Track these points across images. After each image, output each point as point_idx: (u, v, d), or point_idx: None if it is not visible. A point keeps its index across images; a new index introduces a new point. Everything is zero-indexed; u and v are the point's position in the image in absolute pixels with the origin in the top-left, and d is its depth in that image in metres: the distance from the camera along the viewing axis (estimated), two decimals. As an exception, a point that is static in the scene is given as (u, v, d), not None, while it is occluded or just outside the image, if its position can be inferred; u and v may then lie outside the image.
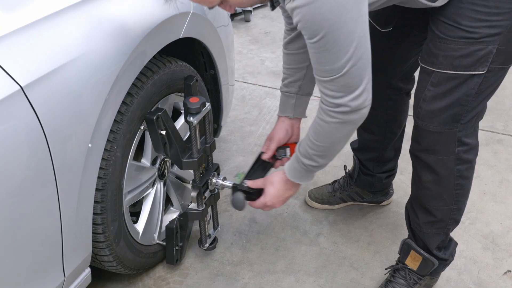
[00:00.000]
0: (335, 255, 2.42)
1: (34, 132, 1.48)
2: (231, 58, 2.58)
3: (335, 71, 1.55)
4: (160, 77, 1.99)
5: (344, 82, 1.57)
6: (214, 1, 1.60)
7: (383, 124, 2.36)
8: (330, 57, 1.53)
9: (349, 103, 1.60)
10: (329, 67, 1.55)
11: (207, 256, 2.39)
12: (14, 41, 1.49)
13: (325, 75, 1.58)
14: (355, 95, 1.59)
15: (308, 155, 1.79)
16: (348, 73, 1.55)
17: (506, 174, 2.94)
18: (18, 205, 1.50)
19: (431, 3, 1.71)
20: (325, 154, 1.79)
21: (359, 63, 1.54)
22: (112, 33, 1.73)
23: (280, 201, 1.99)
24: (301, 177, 1.89)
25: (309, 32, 1.51)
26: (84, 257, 1.84)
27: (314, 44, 1.52)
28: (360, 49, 1.53)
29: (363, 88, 1.59)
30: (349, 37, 1.49)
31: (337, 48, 1.51)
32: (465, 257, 2.42)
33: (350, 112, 1.62)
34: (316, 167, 1.83)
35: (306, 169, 1.84)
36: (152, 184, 2.19)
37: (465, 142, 1.89)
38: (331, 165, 2.93)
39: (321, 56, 1.55)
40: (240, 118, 3.38)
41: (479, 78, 1.76)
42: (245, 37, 4.52)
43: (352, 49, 1.51)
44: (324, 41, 1.50)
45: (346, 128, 1.69)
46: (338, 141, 1.75)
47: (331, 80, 1.57)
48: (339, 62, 1.53)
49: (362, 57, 1.54)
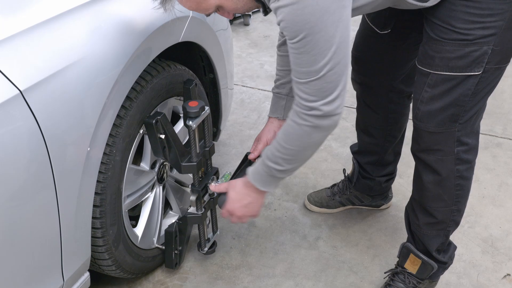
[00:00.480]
0: (334, 259, 2.42)
1: (33, 136, 1.48)
2: (230, 62, 2.58)
3: (311, 74, 1.56)
4: (159, 81, 2.00)
5: (319, 85, 1.57)
6: (209, 8, 1.63)
7: (384, 127, 2.37)
8: (308, 59, 1.54)
9: (321, 107, 1.60)
10: (306, 69, 1.56)
11: (206, 260, 2.39)
12: (13, 45, 1.49)
13: (302, 77, 1.58)
14: (328, 100, 1.59)
15: (274, 157, 1.76)
16: (325, 77, 1.55)
17: (505, 178, 2.94)
18: (17, 209, 1.50)
19: (422, 3, 1.71)
20: (291, 159, 1.76)
21: (336, 68, 1.55)
22: (111, 37, 1.73)
23: (239, 207, 1.92)
24: (263, 181, 1.84)
25: (290, 33, 1.52)
26: (83, 261, 1.83)
27: (294, 44, 1.53)
28: (339, 54, 1.53)
29: (337, 94, 1.59)
30: (329, 40, 1.50)
31: (316, 51, 1.51)
32: (464, 261, 2.42)
33: (322, 117, 1.62)
34: (280, 171, 1.78)
35: (270, 173, 1.80)
36: (151, 188, 2.19)
37: (464, 141, 1.90)
38: (330, 168, 2.95)
39: (300, 58, 1.55)
40: (239, 122, 3.38)
41: (475, 79, 1.77)
42: (244, 41, 4.52)
43: (331, 53, 1.52)
44: (304, 43, 1.51)
45: (316, 134, 1.68)
46: (306, 147, 1.73)
47: (307, 82, 1.58)
48: (316, 65, 1.54)
49: (340, 62, 1.55)
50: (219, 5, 1.63)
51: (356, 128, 2.50)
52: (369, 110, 2.35)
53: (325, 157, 3.05)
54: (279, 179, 1.84)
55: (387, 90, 2.25)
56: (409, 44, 2.07)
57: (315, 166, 2.98)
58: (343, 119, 3.38)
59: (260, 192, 1.88)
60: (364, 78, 2.27)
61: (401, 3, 1.72)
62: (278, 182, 1.86)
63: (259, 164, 1.83)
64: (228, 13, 1.68)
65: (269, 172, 1.79)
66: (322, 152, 3.09)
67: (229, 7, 1.64)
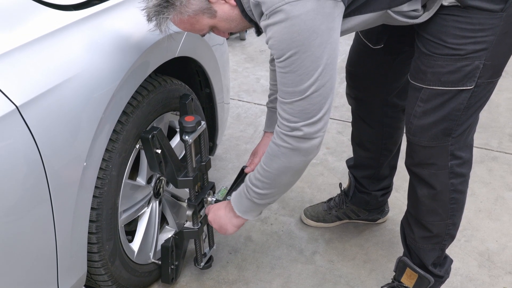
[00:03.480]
0: (331, 273, 2.42)
1: (30, 152, 1.49)
2: (226, 76, 2.59)
3: (296, 94, 1.57)
4: (155, 96, 2.00)
5: (302, 106, 1.58)
6: (204, 29, 1.67)
7: (379, 141, 2.37)
8: (294, 79, 1.55)
9: (302, 128, 1.61)
10: (291, 89, 1.57)
11: (203, 274, 2.38)
12: (10, 60, 1.49)
13: (286, 97, 1.59)
14: (310, 122, 1.60)
15: (254, 179, 1.79)
16: (309, 98, 1.56)
17: (501, 192, 2.95)
18: (13, 224, 1.50)
19: (413, 21, 1.73)
20: (269, 183, 1.77)
21: (321, 90, 1.56)
22: (107, 52, 1.74)
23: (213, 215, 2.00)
24: (240, 203, 1.87)
25: (277, 51, 1.54)
26: (79, 277, 1.83)
27: (281, 63, 1.55)
28: (325, 76, 1.55)
29: (320, 116, 1.60)
30: (315, 61, 1.52)
31: (302, 71, 1.53)
32: (461, 275, 2.42)
33: (302, 139, 1.63)
34: (257, 194, 1.80)
35: (248, 197, 1.82)
36: (147, 203, 2.19)
37: (458, 155, 1.91)
38: (326, 182, 2.95)
39: (286, 77, 1.57)
40: (235, 136, 3.38)
41: (468, 93, 1.78)
42: (240, 55, 4.54)
43: (317, 74, 1.53)
44: (290, 62, 1.53)
45: (295, 158, 1.68)
46: (284, 171, 1.73)
47: (291, 102, 1.59)
48: (302, 85, 1.55)
49: (326, 85, 1.56)
50: (213, 26, 1.67)
51: (352, 142, 2.51)
52: (364, 124, 2.36)
53: (321, 171, 3.05)
54: (257, 206, 1.85)
55: (381, 105, 2.26)
56: (402, 58, 2.09)
57: (312, 180, 2.99)
58: (339, 133, 3.39)
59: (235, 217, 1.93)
60: (358, 93, 2.28)
61: (393, 20, 1.73)
62: (252, 211, 1.88)
63: (242, 187, 1.86)
64: (223, 33, 1.72)
65: (248, 195, 1.82)
66: (318, 166, 3.09)
67: (222, 27, 1.68)
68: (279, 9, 1.48)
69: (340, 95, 3.86)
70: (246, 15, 1.65)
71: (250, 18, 1.65)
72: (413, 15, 1.71)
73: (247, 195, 1.83)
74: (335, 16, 1.53)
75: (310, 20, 1.47)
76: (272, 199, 1.84)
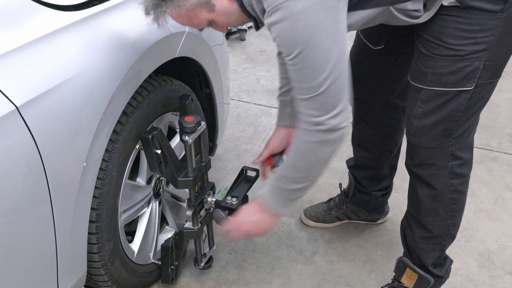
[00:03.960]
0: (331, 274, 2.42)
1: (29, 152, 1.49)
2: (226, 77, 2.59)
3: (313, 89, 1.57)
4: (155, 96, 2.00)
5: (322, 100, 1.58)
6: (202, 23, 1.65)
7: (379, 141, 2.37)
8: (308, 75, 1.55)
9: (327, 122, 1.61)
10: (307, 84, 1.57)
11: (203, 275, 2.38)
12: (9, 61, 1.49)
13: (304, 93, 1.59)
14: (333, 114, 1.60)
15: (285, 179, 1.77)
16: (326, 91, 1.56)
17: (501, 192, 2.95)
18: (13, 225, 1.50)
19: (414, 20, 1.72)
20: (302, 177, 1.76)
21: (337, 81, 1.56)
22: (107, 53, 1.73)
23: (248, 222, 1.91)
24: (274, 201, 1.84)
25: (286, 49, 1.54)
26: (79, 277, 1.83)
27: (292, 61, 1.55)
28: (338, 68, 1.55)
29: (342, 107, 1.60)
30: (326, 55, 1.51)
31: (314, 66, 1.53)
32: (461, 275, 2.42)
33: (328, 131, 1.63)
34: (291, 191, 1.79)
35: (282, 195, 1.81)
36: (147, 203, 2.19)
37: (458, 156, 1.91)
38: (326, 183, 2.95)
39: (300, 74, 1.57)
40: (235, 137, 3.38)
41: (468, 94, 1.78)
42: (240, 55, 4.54)
43: (330, 68, 1.53)
44: (301, 58, 1.52)
45: (324, 149, 1.68)
46: (315, 164, 1.73)
47: (310, 98, 1.59)
48: (317, 79, 1.54)
49: (340, 76, 1.56)
50: (211, 20, 1.65)
51: (352, 142, 2.50)
52: (365, 125, 2.36)
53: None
54: (291, 200, 1.83)
55: (382, 105, 2.26)
56: (403, 59, 2.09)
57: (312, 180, 2.98)
58: (339, 133, 3.39)
59: (272, 215, 1.88)
60: (359, 93, 2.28)
61: (394, 19, 1.73)
62: (290, 204, 1.85)
63: (271, 186, 1.83)
64: (221, 27, 1.70)
65: (281, 194, 1.81)
66: (318, 166, 3.09)
67: (221, 22, 1.66)
68: (281, 6, 1.47)
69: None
70: (244, 10, 1.63)
71: (249, 12, 1.64)
72: (414, 15, 1.70)
73: (282, 193, 1.80)
74: (340, 9, 1.52)
75: (314, 14, 1.47)
76: (307, 191, 1.82)
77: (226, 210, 2.09)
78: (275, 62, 4.31)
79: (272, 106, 3.71)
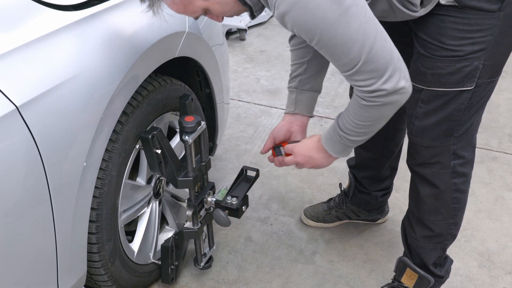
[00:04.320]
0: (331, 274, 2.42)
1: (29, 152, 1.49)
2: (226, 76, 2.59)
3: (353, 62, 1.52)
4: (155, 96, 2.00)
5: (368, 69, 1.53)
6: (197, 11, 1.62)
7: (381, 142, 2.37)
8: (342, 50, 1.50)
9: (382, 87, 1.55)
10: (345, 60, 1.52)
11: (203, 275, 2.38)
12: (9, 61, 1.49)
13: (346, 68, 1.55)
14: (386, 78, 1.54)
15: (348, 130, 1.72)
16: (368, 59, 1.51)
17: (501, 192, 2.95)
18: (13, 225, 1.49)
19: (411, 13, 1.71)
20: (365, 132, 1.73)
21: (375, 47, 1.50)
22: (107, 52, 1.73)
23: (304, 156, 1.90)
24: (334, 147, 1.81)
25: (307, 34, 1.50)
26: (79, 277, 1.83)
27: (318, 45, 1.51)
28: (370, 33, 1.49)
29: (393, 68, 1.54)
30: (350, 27, 1.46)
31: (343, 41, 1.48)
32: (461, 275, 2.42)
33: (388, 95, 1.57)
34: (353, 141, 1.76)
35: (342, 141, 1.77)
36: (147, 203, 2.19)
37: (461, 155, 1.91)
38: (326, 183, 2.95)
39: (332, 53, 1.53)
40: (235, 137, 3.38)
41: (468, 93, 1.78)
42: (240, 55, 4.54)
43: (361, 36, 1.48)
44: (326, 41, 1.49)
45: (388, 108, 1.63)
46: (379, 121, 1.69)
47: (356, 71, 1.54)
48: (352, 52, 1.50)
49: (376, 39, 1.51)
50: (206, 8, 1.62)
51: (354, 142, 2.50)
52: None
53: (321, 172, 3.05)
54: (351, 147, 1.81)
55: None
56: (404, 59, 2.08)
57: (311, 180, 2.99)
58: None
59: (329, 157, 1.86)
60: None
61: (391, 12, 1.70)
62: (350, 150, 1.83)
63: (331, 131, 1.78)
64: (217, 17, 1.67)
65: (343, 141, 1.76)
66: (318, 166, 3.09)
67: (216, 10, 1.63)
68: None
69: (340, 95, 3.86)
70: None
71: (245, 1, 1.61)
72: (411, 8, 1.69)
73: (341, 140, 1.76)
74: None
75: None
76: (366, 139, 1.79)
77: (226, 210, 2.09)
78: (275, 62, 4.32)
79: (272, 106, 3.71)
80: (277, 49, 4.54)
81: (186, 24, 2.08)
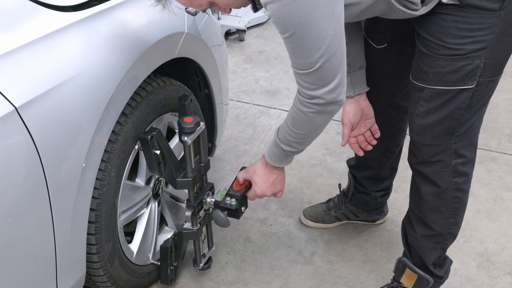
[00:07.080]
0: (330, 274, 2.42)
1: (28, 153, 1.48)
2: (225, 77, 2.59)
3: (308, 65, 1.59)
4: (154, 97, 2.00)
5: (318, 76, 1.61)
6: (203, 4, 1.65)
7: (382, 142, 2.36)
8: (303, 52, 1.57)
9: (323, 96, 1.64)
10: (302, 61, 1.59)
11: (202, 275, 2.38)
12: (8, 62, 1.49)
13: (300, 67, 1.62)
14: (329, 89, 1.63)
15: (287, 141, 1.84)
16: (322, 68, 1.58)
17: (500, 192, 2.95)
18: (12, 226, 1.49)
19: (412, 12, 1.72)
20: (303, 141, 1.84)
21: (332, 59, 1.57)
22: (106, 53, 1.73)
23: (268, 187, 2.01)
24: (281, 161, 1.94)
25: (280, 28, 1.55)
26: (78, 278, 1.83)
27: (286, 39, 1.57)
28: (333, 47, 1.56)
29: (338, 82, 1.62)
30: (320, 34, 1.53)
31: (308, 45, 1.54)
32: (460, 276, 2.42)
33: (325, 104, 1.67)
34: (294, 152, 1.88)
35: (285, 154, 1.89)
36: (146, 204, 2.18)
37: (462, 154, 1.91)
38: (325, 183, 2.95)
39: (295, 51, 1.59)
40: (234, 137, 3.38)
41: (469, 92, 1.79)
42: (239, 56, 4.54)
43: (325, 46, 1.54)
44: (295, 37, 1.54)
45: (322, 117, 1.73)
46: (316, 128, 1.79)
47: (306, 73, 1.61)
48: (311, 57, 1.57)
49: (336, 53, 1.57)
50: (212, 1, 1.66)
51: (354, 142, 2.50)
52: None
53: (320, 172, 3.05)
54: (293, 155, 1.93)
55: (386, 106, 2.26)
56: (406, 58, 2.08)
57: (310, 181, 2.99)
58: (339, 133, 3.39)
59: (280, 168, 2.00)
60: None
61: (391, 11, 1.73)
62: (293, 157, 1.95)
63: (273, 147, 1.91)
64: (224, 9, 1.70)
65: (285, 153, 1.88)
66: (317, 167, 3.09)
67: (221, 3, 1.66)
68: None
69: (339, 95, 3.85)
70: None
71: None
72: (411, 7, 1.70)
73: (281, 151, 1.89)
74: None
75: None
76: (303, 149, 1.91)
77: (225, 210, 2.09)
78: (274, 63, 4.32)
79: (271, 107, 3.71)
80: (276, 49, 4.54)
81: (185, 25, 2.08)
